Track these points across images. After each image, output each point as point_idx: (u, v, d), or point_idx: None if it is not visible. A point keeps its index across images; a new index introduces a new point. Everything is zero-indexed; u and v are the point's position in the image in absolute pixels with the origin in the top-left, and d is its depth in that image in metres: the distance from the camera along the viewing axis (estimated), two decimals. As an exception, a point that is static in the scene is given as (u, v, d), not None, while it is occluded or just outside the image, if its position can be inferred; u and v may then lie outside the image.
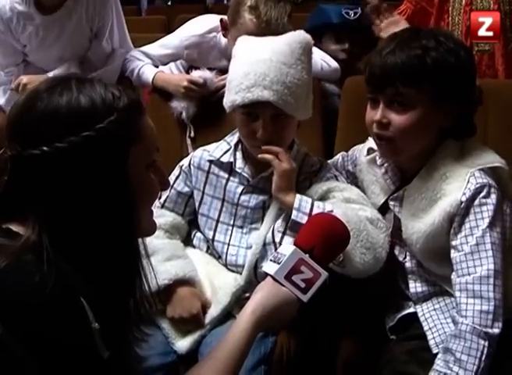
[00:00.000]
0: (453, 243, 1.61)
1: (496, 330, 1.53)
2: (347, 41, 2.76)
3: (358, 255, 1.62)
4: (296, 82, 1.73)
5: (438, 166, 1.66)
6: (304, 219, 1.66)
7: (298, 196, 1.72)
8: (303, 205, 1.70)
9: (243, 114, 1.77)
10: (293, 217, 1.70)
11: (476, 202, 1.59)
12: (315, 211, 1.67)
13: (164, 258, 1.78)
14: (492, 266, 1.56)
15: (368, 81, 1.70)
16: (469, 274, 1.57)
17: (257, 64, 1.72)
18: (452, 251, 1.61)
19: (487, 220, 1.58)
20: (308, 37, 1.82)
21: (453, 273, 1.60)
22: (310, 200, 1.72)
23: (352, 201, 1.74)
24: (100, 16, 2.75)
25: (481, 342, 1.52)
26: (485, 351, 1.51)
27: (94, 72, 2.74)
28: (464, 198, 1.59)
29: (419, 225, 1.66)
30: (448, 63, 1.61)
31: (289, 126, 1.78)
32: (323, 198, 1.76)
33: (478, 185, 1.59)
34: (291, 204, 1.71)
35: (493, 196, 1.60)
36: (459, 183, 1.61)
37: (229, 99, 1.77)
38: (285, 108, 1.73)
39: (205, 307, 1.77)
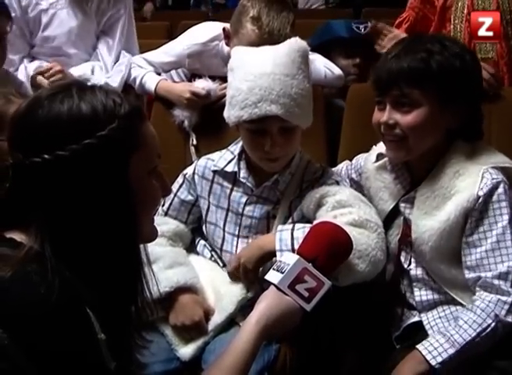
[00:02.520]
0: (470, 238, 1.63)
1: (510, 320, 1.56)
2: (358, 56, 2.78)
3: (351, 267, 1.60)
4: (301, 92, 1.73)
5: (450, 163, 1.67)
6: None
7: (277, 236, 1.69)
8: (283, 244, 1.67)
9: (248, 129, 1.76)
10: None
11: (494, 198, 1.61)
12: (296, 243, 1.63)
13: (166, 266, 1.78)
14: None
15: (374, 84, 1.71)
16: (490, 270, 1.60)
17: (260, 78, 1.71)
18: (466, 246, 1.63)
19: (506, 217, 1.60)
20: (304, 43, 1.82)
21: (469, 269, 1.63)
22: (289, 234, 1.69)
23: (343, 203, 1.72)
24: (112, 11, 2.79)
25: (488, 321, 1.56)
26: (487, 330, 1.56)
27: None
28: (481, 193, 1.60)
29: (432, 223, 1.66)
30: (453, 67, 1.62)
31: (295, 136, 1.78)
32: (319, 204, 1.75)
33: (494, 180, 1.61)
34: (273, 245, 1.69)
35: (510, 193, 1.62)
36: (472, 179, 1.63)
37: (234, 115, 1.75)
38: (292, 119, 1.73)
39: (208, 314, 1.76)
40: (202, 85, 2.46)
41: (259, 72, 1.72)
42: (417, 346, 1.59)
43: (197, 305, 1.75)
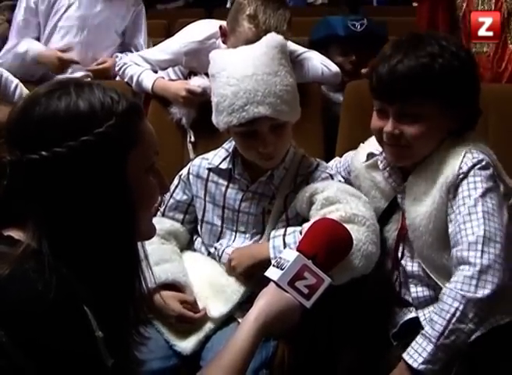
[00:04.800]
0: (449, 217, 1.62)
1: (479, 295, 1.49)
2: (354, 54, 2.79)
3: (345, 265, 1.59)
4: (285, 88, 1.74)
5: (439, 153, 1.66)
6: None
7: (270, 244, 1.70)
8: (277, 251, 1.68)
9: (239, 133, 1.77)
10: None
11: (471, 173, 1.60)
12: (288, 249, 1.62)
13: (151, 264, 1.76)
14: (481, 233, 1.54)
15: (375, 93, 1.69)
16: (462, 243, 1.56)
17: (243, 81, 1.71)
18: (449, 225, 1.62)
19: (480, 190, 1.58)
20: (281, 37, 1.83)
21: (452, 248, 1.60)
22: (281, 240, 1.70)
23: (331, 200, 1.72)
24: (135, 7, 3.09)
25: (455, 304, 1.50)
26: (457, 314, 1.49)
27: None
28: (461, 171, 1.60)
29: (421, 208, 1.66)
30: (453, 67, 1.62)
31: (286, 132, 1.79)
32: (310, 203, 1.76)
33: (474, 160, 1.61)
34: (266, 254, 1.70)
35: (490, 169, 1.61)
36: (455, 160, 1.62)
37: (223, 121, 1.75)
38: (281, 117, 1.73)
39: (187, 303, 1.75)
40: (198, 83, 2.46)
41: (241, 75, 1.72)
42: (403, 355, 1.55)
43: (171, 300, 1.73)
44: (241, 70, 1.73)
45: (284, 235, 1.71)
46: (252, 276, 1.75)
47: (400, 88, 1.62)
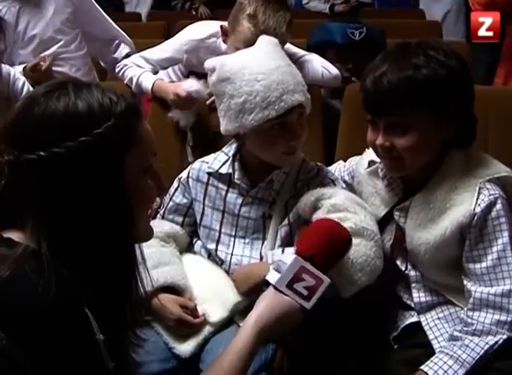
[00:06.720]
0: (469, 254, 1.62)
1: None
2: (351, 62, 2.79)
3: (353, 281, 1.60)
4: (303, 80, 1.77)
5: (446, 177, 1.65)
6: None
7: (271, 266, 1.67)
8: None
9: (268, 128, 1.71)
10: None
11: (494, 214, 1.60)
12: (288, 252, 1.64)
13: (150, 267, 1.75)
14: None
15: (364, 107, 1.68)
16: (491, 286, 1.60)
17: (272, 74, 1.70)
18: (466, 260, 1.63)
19: (506, 233, 1.60)
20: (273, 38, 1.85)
21: (470, 282, 1.62)
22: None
23: (338, 207, 1.70)
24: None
25: (495, 339, 1.57)
26: (494, 346, 1.57)
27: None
28: (478, 209, 1.59)
29: (427, 236, 1.65)
30: (440, 77, 1.59)
31: (305, 123, 1.78)
32: (314, 207, 1.75)
33: (491, 197, 1.60)
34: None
35: (506, 208, 1.62)
36: (469, 193, 1.61)
37: (255, 118, 1.69)
38: (307, 105, 1.76)
39: (187, 308, 1.74)
40: (190, 85, 2.44)
41: (266, 69, 1.71)
42: (424, 368, 1.57)
43: (170, 303, 1.73)
44: (264, 65, 1.72)
45: (283, 253, 1.70)
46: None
47: (384, 101, 1.61)
